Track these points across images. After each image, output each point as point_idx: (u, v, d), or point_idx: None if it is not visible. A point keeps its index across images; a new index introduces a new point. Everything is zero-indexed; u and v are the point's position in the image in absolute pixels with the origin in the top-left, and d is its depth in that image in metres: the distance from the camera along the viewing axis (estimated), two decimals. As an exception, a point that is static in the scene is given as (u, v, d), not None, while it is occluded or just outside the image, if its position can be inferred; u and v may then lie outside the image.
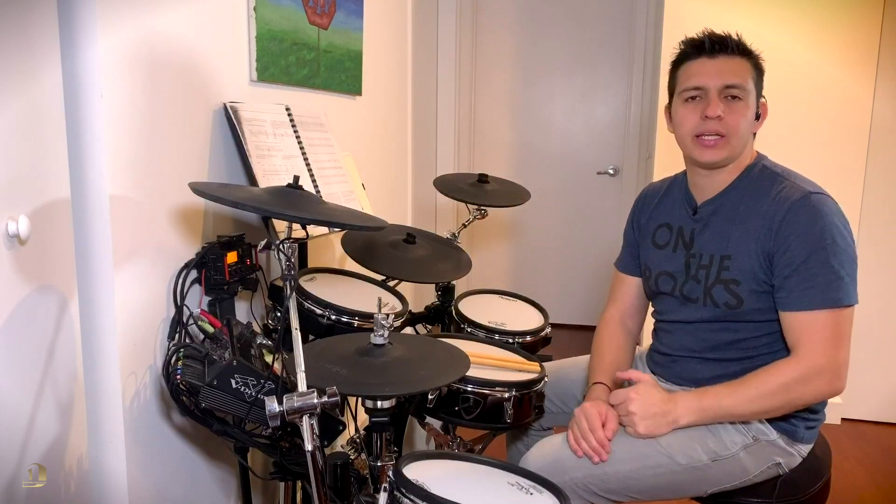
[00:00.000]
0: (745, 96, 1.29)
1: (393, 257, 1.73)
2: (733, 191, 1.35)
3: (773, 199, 1.28)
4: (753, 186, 1.33)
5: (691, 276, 1.38)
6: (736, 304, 1.31)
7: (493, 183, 2.02)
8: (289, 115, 1.74)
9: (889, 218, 2.75)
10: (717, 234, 1.35)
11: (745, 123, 1.30)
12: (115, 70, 1.23)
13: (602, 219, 3.96)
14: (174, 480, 1.47)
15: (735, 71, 1.29)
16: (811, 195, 1.26)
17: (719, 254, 1.33)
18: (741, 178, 1.35)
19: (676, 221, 1.45)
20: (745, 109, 1.29)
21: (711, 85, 1.29)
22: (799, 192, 1.27)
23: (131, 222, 1.30)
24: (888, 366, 2.84)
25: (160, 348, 1.39)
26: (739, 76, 1.29)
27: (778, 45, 2.67)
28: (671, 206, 1.48)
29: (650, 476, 1.27)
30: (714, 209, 1.37)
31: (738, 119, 1.29)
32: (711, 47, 1.30)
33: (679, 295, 1.40)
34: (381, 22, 2.51)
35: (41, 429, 1.17)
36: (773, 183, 1.31)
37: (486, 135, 4.03)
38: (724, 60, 1.29)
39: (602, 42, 3.83)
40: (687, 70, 1.34)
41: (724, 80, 1.29)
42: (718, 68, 1.29)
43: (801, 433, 1.32)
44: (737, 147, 1.31)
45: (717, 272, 1.33)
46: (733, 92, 1.29)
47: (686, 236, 1.41)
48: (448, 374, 1.18)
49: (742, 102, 1.29)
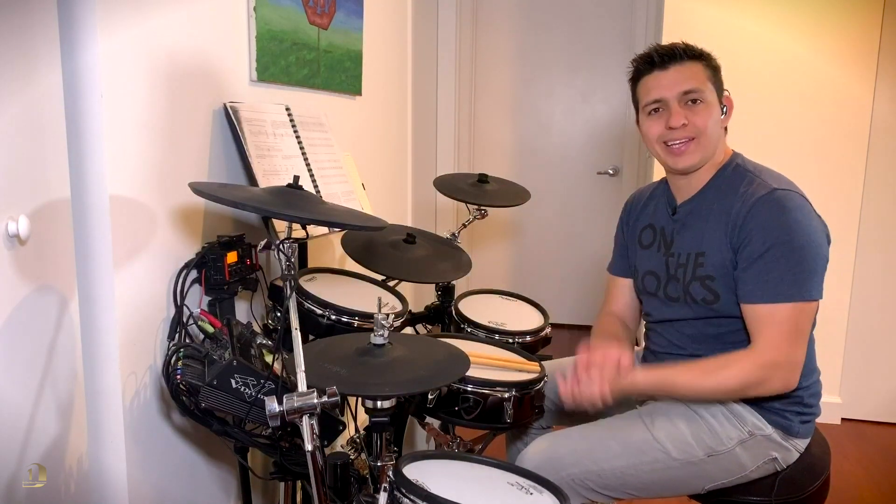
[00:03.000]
0: (705, 97, 1.32)
1: (393, 257, 1.73)
2: (708, 190, 1.38)
3: (741, 195, 1.30)
4: (726, 184, 1.35)
5: (671, 276, 1.40)
6: (713, 299, 1.32)
7: (493, 183, 2.02)
8: (289, 115, 1.74)
9: (889, 218, 2.75)
10: (693, 232, 1.38)
11: (712, 123, 1.32)
12: (115, 70, 1.23)
13: (602, 219, 3.96)
14: (174, 480, 1.47)
15: (689, 76, 1.32)
16: (776, 191, 1.27)
17: (694, 251, 1.36)
18: (716, 178, 1.38)
19: (659, 222, 1.48)
20: (708, 109, 1.32)
21: (669, 95, 1.33)
22: (765, 188, 1.28)
23: (131, 222, 1.30)
24: (888, 366, 2.84)
25: (160, 348, 1.39)
26: (695, 80, 1.32)
27: (778, 45, 2.67)
28: (654, 208, 1.51)
29: (647, 471, 1.28)
30: (690, 209, 1.40)
31: (704, 119, 1.32)
32: (661, 60, 1.34)
33: (663, 296, 1.42)
34: (381, 22, 2.51)
35: (41, 429, 1.17)
36: (744, 180, 1.33)
37: (486, 135, 4.02)
38: (676, 69, 1.33)
39: (602, 42, 3.83)
40: (644, 85, 1.37)
41: (680, 88, 1.32)
42: (673, 78, 1.32)
43: (795, 427, 1.33)
44: (708, 147, 1.34)
45: (692, 269, 1.35)
46: (692, 96, 1.32)
47: (667, 237, 1.44)
48: (448, 374, 1.18)
49: (703, 104, 1.32)
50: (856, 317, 2.82)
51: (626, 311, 1.59)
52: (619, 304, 1.60)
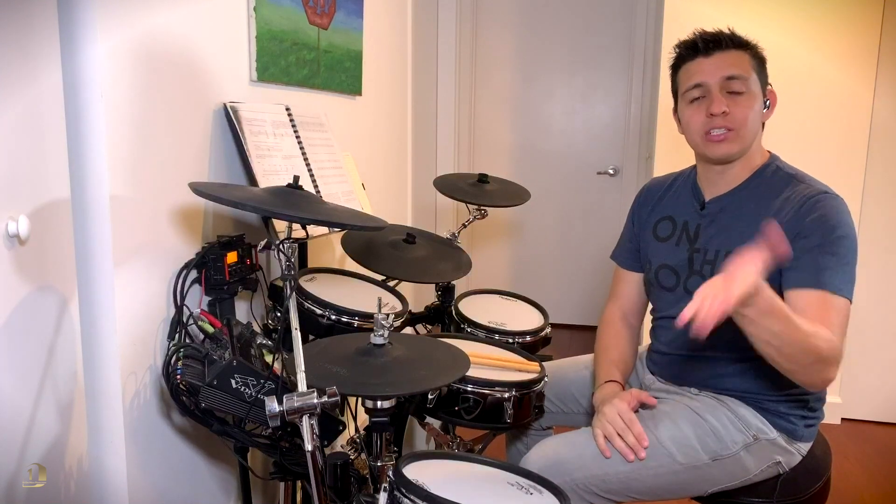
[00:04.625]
0: (748, 87, 1.30)
1: (393, 257, 1.73)
2: (744, 189, 1.36)
3: (786, 198, 1.29)
4: (766, 185, 1.34)
5: (695, 272, 1.38)
6: None
7: (493, 183, 2.02)
8: (289, 115, 1.74)
9: (889, 218, 2.75)
10: (724, 229, 1.36)
11: (752, 115, 1.30)
12: (115, 70, 1.23)
13: (602, 219, 3.96)
14: (174, 480, 1.47)
15: (733, 63, 1.30)
16: (827, 193, 1.27)
17: (724, 249, 1.34)
18: (753, 178, 1.36)
19: (681, 216, 1.45)
20: (750, 101, 1.30)
21: (712, 81, 1.30)
22: (816, 190, 1.28)
23: (131, 222, 1.30)
24: (888, 366, 2.84)
25: (160, 348, 1.39)
26: (738, 67, 1.30)
27: (778, 46, 2.67)
28: (676, 201, 1.48)
29: (651, 476, 1.27)
30: (723, 206, 1.38)
31: (745, 111, 1.29)
32: (705, 46, 1.31)
33: (682, 290, 1.40)
34: (381, 22, 2.51)
35: (41, 429, 1.17)
36: (788, 184, 1.32)
37: (486, 135, 4.03)
38: (720, 56, 1.30)
39: (602, 42, 3.83)
40: (686, 71, 1.35)
41: (723, 73, 1.29)
42: (716, 64, 1.30)
43: (800, 432, 1.32)
44: (746, 138, 1.32)
45: (722, 267, 1.33)
46: (734, 85, 1.29)
47: (691, 231, 1.41)
48: (448, 374, 1.18)
49: (745, 95, 1.30)
50: (856, 317, 2.80)
51: (633, 306, 1.58)
52: (626, 298, 1.58)
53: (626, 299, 1.58)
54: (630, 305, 1.58)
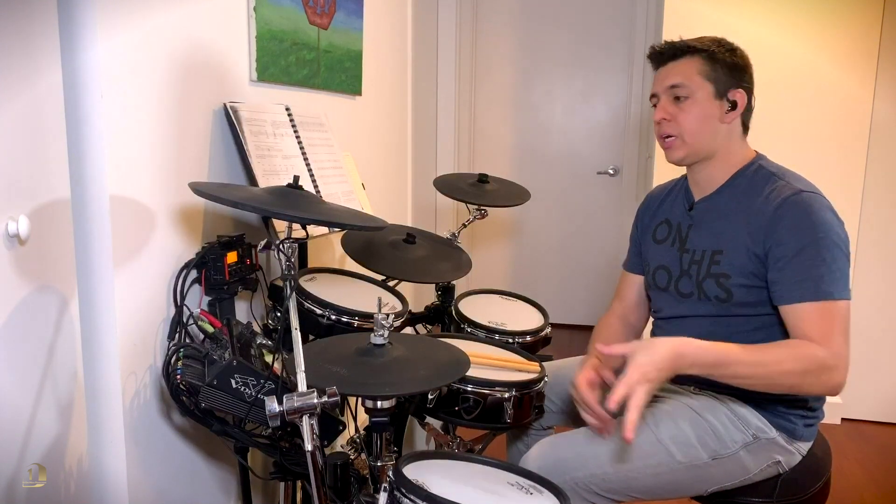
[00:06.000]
0: (692, 93, 1.33)
1: (393, 257, 1.73)
2: (728, 189, 1.38)
3: (765, 197, 1.30)
4: (748, 184, 1.35)
5: (684, 272, 1.40)
6: (725, 297, 1.32)
7: (493, 183, 2.02)
8: (289, 115, 1.74)
9: (889, 218, 2.75)
10: (710, 230, 1.38)
11: (697, 119, 1.33)
12: (115, 70, 1.23)
13: (602, 219, 3.96)
14: (174, 480, 1.47)
15: (678, 72, 1.34)
16: (802, 192, 1.27)
17: (711, 249, 1.36)
18: (735, 178, 1.38)
19: (675, 218, 1.48)
20: (693, 106, 1.33)
21: (660, 90, 1.37)
22: (790, 189, 1.28)
23: (131, 222, 1.30)
24: (888, 366, 2.84)
25: (160, 348, 1.39)
26: (681, 75, 1.34)
27: (778, 46, 2.67)
28: (672, 204, 1.51)
29: (651, 475, 1.28)
30: (708, 206, 1.40)
31: (686, 117, 1.33)
32: (658, 58, 1.38)
33: (674, 291, 1.42)
34: (381, 22, 2.51)
35: (41, 429, 1.17)
36: (767, 182, 1.33)
37: (486, 135, 4.02)
38: (669, 66, 1.37)
39: (602, 42, 3.83)
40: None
41: (666, 83, 1.35)
42: (665, 74, 1.37)
43: (800, 431, 1.32)
44: (695, 144, 1.35)
45: (707, 266, 1.35)
46: (678, 91, 1.34)
47: (683, 232, 1.44)
48: (448, 374, 1.18)
49: (689, 101, 1.33)
50: (856, 317, 2.79)
51: (634, 305, 1.60)
52: (628, 298, 1.61)
53: (627, 299, 1.61)
54: (630, 304, 1.60)
